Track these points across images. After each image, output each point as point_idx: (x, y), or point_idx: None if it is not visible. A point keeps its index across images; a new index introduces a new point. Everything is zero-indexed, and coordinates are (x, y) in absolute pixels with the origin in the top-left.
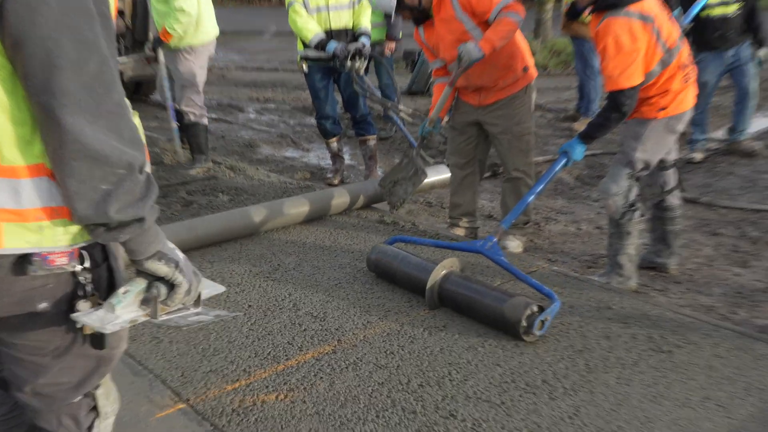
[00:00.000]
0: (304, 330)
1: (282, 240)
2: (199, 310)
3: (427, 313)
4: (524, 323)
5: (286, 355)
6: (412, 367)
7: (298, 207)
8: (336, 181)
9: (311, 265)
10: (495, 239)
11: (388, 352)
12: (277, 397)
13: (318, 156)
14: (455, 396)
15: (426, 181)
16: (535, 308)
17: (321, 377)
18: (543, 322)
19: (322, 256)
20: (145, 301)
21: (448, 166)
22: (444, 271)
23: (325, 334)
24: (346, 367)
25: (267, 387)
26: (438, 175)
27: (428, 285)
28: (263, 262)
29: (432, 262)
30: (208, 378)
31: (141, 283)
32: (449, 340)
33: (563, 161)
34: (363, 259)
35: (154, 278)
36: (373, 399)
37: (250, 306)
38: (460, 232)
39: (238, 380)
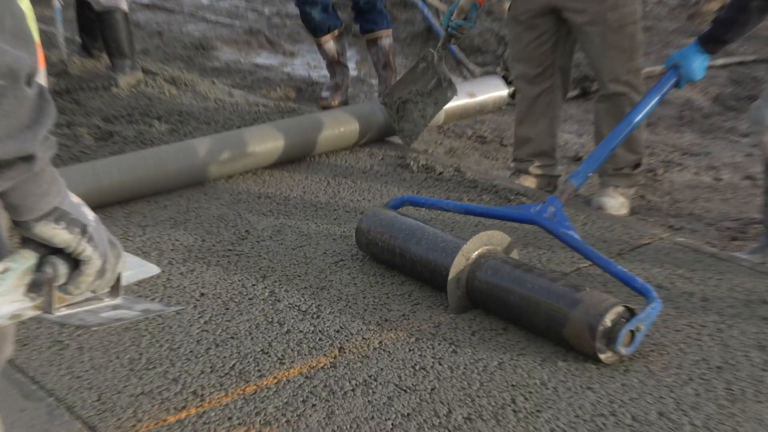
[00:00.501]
0: (288, 332)
1: (252, 193)
2: (118, 301)
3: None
4: (601, 337)
5: (259, 371)
6: (455, 391)
7: (275, 141)
8: (335, 102)
9: (297, 233)
10: (561, 202)
11: (416, 368)
12: None
13: (307, 64)
14: None
15: (474, 101)
16: (621, 311)
17: (313, 404)
18: (633, 333)
19: (314, 218)
20: (34, 286)
21: (509, 82)
22: (476, 253)
23: (320, 339)
24: (352, 390)
25: (230, 419)
26: (492, 90)
27: (451, 274)
28: (223, 227)
29: (458, 237)
30: (138, 404)
31: (28, 259)
32: (511, 348)
33: (671, 81)
34: None
35: (48, 251)
36: None
37: (202, 295)
38: (529, 182)
39: (185, 408)
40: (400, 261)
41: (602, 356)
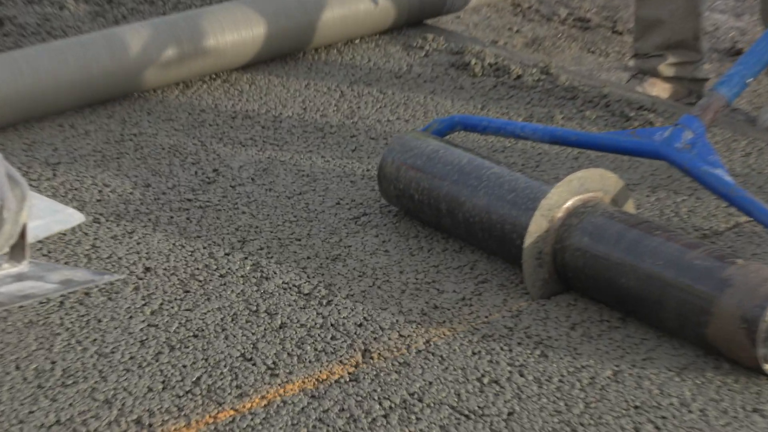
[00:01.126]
0: (282, 327)
1: (222, 111)
2: (23, 269)
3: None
4: (765, 347)
5: (238, 387)
6: (545, 417)
7: (254, 27)
8: None
9: (294, 173)
10: (703, 124)
11: (484, 381)
12: None
13: None
14: None
15: None
16: None
17: None
18: None
19: (321, 149)
20: None
21: None
22: (566, 207)
23: (333, 338)
24: (384, 416)
25: None
26: None
27: (527, 242)
28: (178, 164)
29: (539, 180)
30: None
31: None
32: (633, 350)
33: None
34: None
35: None
36: None
37: (147, 270)
38: (659, 89)
39: None
40: (449, 220)
41: (766, 367)
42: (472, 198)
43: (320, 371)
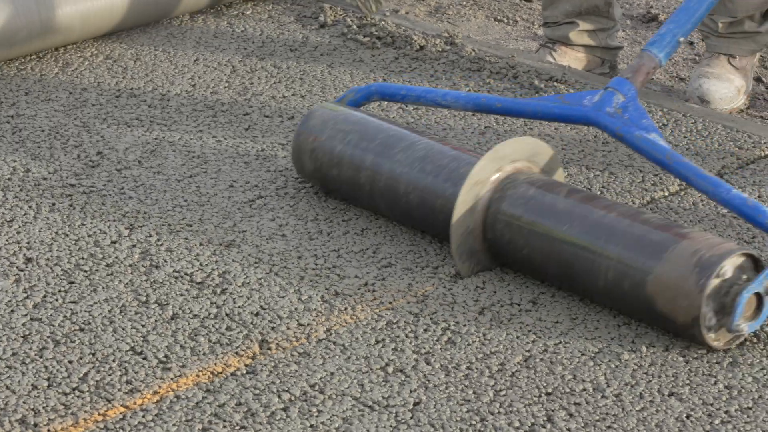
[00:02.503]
0: (174, 318)
1: (105, 88)
2: None
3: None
4: (710, 305)
5: (128, 383)
6: (453, 407)
7: None
8: None
9: (184, 154)
10: (635, 87)
11: (389, 370)
12: None
13: None
14: None
15: None
16: (742, 263)
17: None
18: (760, 298)
19: (212, 128)
20: None
21: None
22: (498, 176)
23: (228, 328)
24: (284, 409)
25: None
26: None
27: (456, 212)
28: (59, 147)
29: (466, 150)
30: None
31: None
32: (546, 333)
33: None
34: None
35: None
36: None
37: (29, 261)
38: (570, 58)
39: None
40: (371, 196)
41: (709, 337)
42: (396, 171)
43: (215, 364)
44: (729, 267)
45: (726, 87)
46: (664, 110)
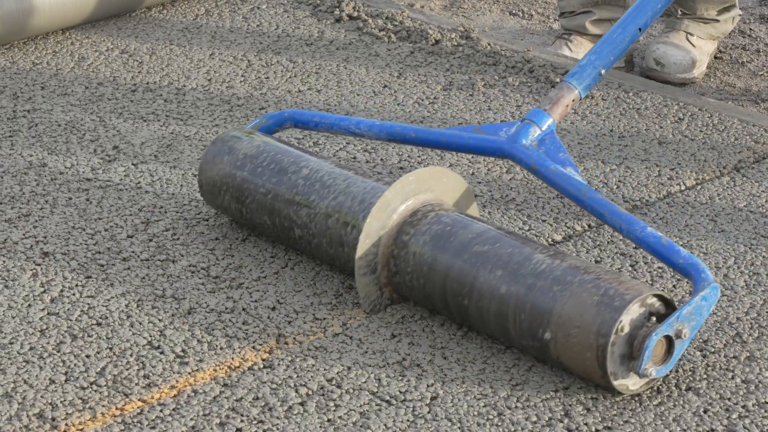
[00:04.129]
0: (190, 312)
1: (121, 82)
2: None
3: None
4: (616, 350)
5: (145, 377)
6: (483, 408)
7: None
8: None
9: (201, 149)
10: (553, 119)
11: (406, 364)
12: None
13: None
14: None
15: None
16: (651, 304)
17: (238, 429)
18: (670, 341)
19: (227, 124)
20: None
21: None
22: (405, 207)
23: (245, 323)
24: (302, 404)
25: None
26: None
27: (359, 249)
28: (75, 141)
29: (374, 178)
30: None
31: None
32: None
33: None
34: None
35: None
36: None
37: (45, 255)
38: (586, 49)
39: None
40: (275, 229)
41: (618, 383)
42: (296, 202)
43: (232, 358)
44: (628, 316)
45: (682, 55)
46: (680, 104)
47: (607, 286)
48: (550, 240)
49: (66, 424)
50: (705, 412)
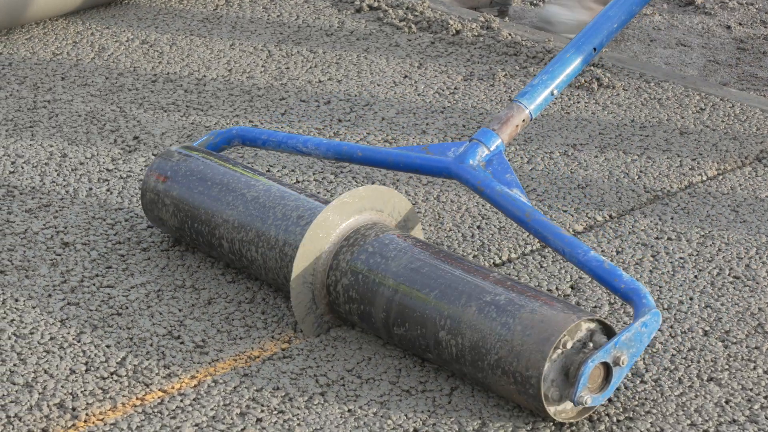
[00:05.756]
0: (210, 302)
1: (141, 73)
2: None
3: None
4: (550, 376)
5: (165, 367)
6: (501, 400)
7: None
8: None
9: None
10: (503, 140)
11: (427, 362)
12: None
13: None
14: None
15: None
16: (589, 329)
17: (258, 419)
18: (608, 368)
19: (247, 115)
20: None
21: None
22: (345, 227)
23: (264, 312)
24: (322, 394)
25: None
26: None
27: (295, 271)
28: (95, 132)
29: (314, 198)
30: None
31: None
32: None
33: None
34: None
35: None
36: None
37: (66, 246)
38: None
39: (46, 431)
40: (214, 250)
41: (553, 410)
42: (230, 214)
43: (252, 348)
44: (565, 341)
45: (572, 16)
46: (701, 94)
47: (542, 314)
48: (571, 230)
49: (86, 414)
50: (727, 402)
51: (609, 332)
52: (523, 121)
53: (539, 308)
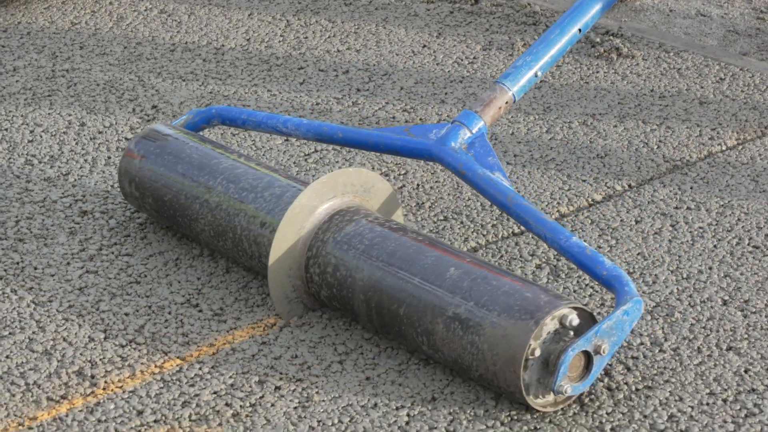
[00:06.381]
0: (228, 271)
1: (160, 42)
2: None
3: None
4: (532, 364)
5: (183, 335)
6: None
7: None
8: None
9: (240, 107)
10: (485, 122)
11: None
12: None
13: None
14: None
15: None
16: (570, 318)
17: (277, 387)
18: (589, 357)
19: (266, 84)
20: None
21: None
22: (324, 210)
23: None
24: (340, 362)
25: (140, 413)
26: None
27: (273, 255)
28: (114, 101)
29: (298, 179)
30: None
31: None
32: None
33: None
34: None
35: None
36: None
37: (84, 214)
38: None
39: (65, 398)
40: (190, 231)
41: (533, 401)
42: (209, 204)
43: (268, 316)
44: (545, 329)
45: None
46: (721, 64)
47: (522, 298)
48: (590, 200)
49: (105, 382)
50: (746, 371)
51: (590, 318)
52: (506, 103)
53: (498, 319)
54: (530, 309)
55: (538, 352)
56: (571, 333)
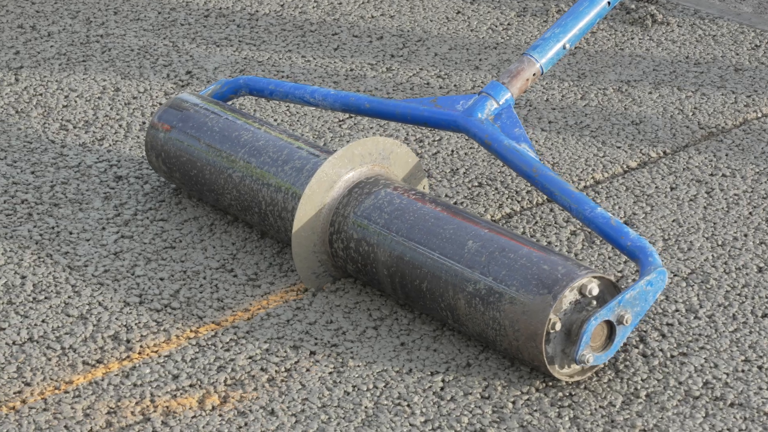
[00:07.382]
0: (262, 237)
1: (194, 8)
2: None
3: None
4: (552, 332)
5: (218, 300)
6: None
7: None
8: None
9: (273, 76)
10: (512, 94)
11: None
12: None
13: None
14: None
15: None
16: (591, 288)
17: (312, 353)
18: (612, 327)
19: (300, 50)
20: None
21: None
22: (348, 179)
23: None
24: (375, 328)
25: (175, 378)
26: None
27: (297, 224)
28: (148, 66)
29: (321, 149)
30: (24, 359)
31: None
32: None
33: None
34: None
35: None
36: None
37: (119, 179)
38: None
39: (101, 362)
40: (217, 200)
41: (559, 371)
42: (234, 175)
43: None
44: (567, 299)
45: None
46: (756, 30)
47: (545, 267)
48: (625, 166)
49: (141, 346)
50: None
51: (614, 288)
52: (534, 75)
53: (517, 294)
54: (548, 283)
55: (558, 326)
56: (594, 302)
